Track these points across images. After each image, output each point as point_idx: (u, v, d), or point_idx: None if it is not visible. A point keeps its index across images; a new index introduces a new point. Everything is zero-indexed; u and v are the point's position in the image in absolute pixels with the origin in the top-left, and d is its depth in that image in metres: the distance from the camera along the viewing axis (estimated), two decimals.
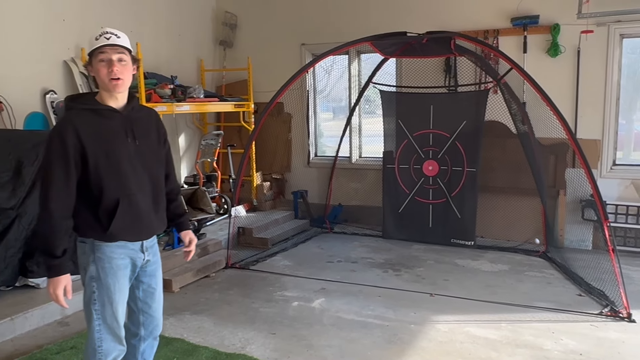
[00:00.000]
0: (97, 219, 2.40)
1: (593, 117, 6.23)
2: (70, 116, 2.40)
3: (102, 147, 2.38)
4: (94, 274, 2.42)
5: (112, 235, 2.41)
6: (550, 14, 6.22)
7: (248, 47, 7.94)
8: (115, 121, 2.44)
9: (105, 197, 2.39)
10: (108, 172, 2.38)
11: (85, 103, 2.44)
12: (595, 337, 3.89)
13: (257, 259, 5.87)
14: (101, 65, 2.36)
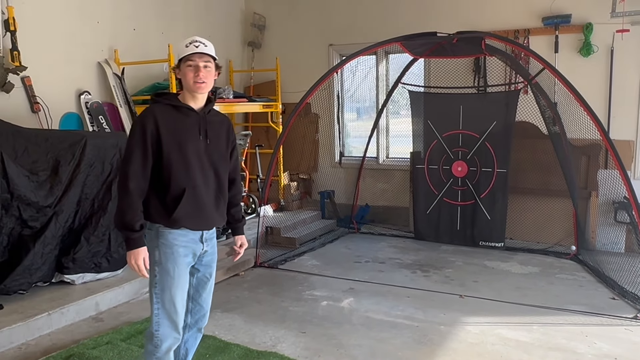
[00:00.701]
0: (165, 206, 2.59)
1: (626, 118, 6.12)
2: (153, 108, 2.63)
3: (176, 139, 2.58)
4: (157, 258, 2.60)
5: (176, 220, 2.58)
6: (583, 13, 6.13)
7: (276, 48, 8.00)
8: (192, 119, 2.65)
9: (173, 186, 2.58)
10: (178, 163, 2.58)
11: (168, 99, 2.67)
12: (629, 341, 3.83)
13: (285, 259, 5.91)
14: (189, 70, 2.60)
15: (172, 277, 2.59)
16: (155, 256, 2.61)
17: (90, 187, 4.64)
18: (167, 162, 2.56)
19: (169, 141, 2.56)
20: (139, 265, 2.55)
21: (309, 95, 5.61)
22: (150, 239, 2.62)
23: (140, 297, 4.76)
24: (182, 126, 2.61)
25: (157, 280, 2.61)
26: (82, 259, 4.55)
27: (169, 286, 2.59)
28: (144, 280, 4.84)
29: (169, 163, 2.56)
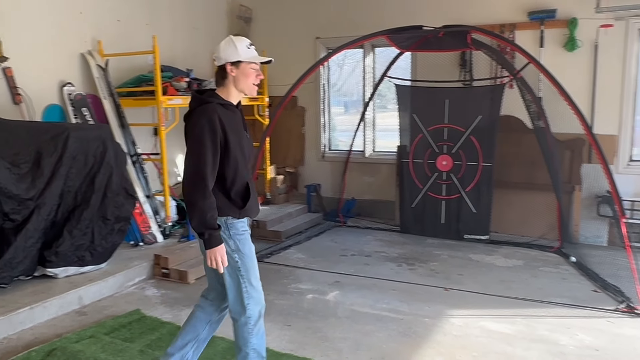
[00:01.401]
0: (231, 200, 2.77)
1: (610, 113, 6.17)
2: (214, 107, 2.69)
3: (236, 137, 2.73)
4: (234, 247, 2.80)
5: (245, 212, 2.80)
6: (568, 8, 6.16)
7: (262, 41, 7.90)
8: (237, 115, 2.82)
9: (238, 181, 2.76)
10: (240, 159, 2.75)
11: (217, 98, 2.76)
12: (611, 333, 3.88)
13: (271, 252, 5.90)
14: (252, 72, 2.77)
15: (250, 257, 2.85)
16: (231, 246, 2.79)
17: (73, 180, 4.59)
18: (233, 159, 2.71)
19: (233, 139, 2.70)
20: (223, 261, 2.72)
21: (295, 88, 5.59)
22: (221, 232, 2.74)
23: (124, 290, 4.73)
24: (236, 124, 2.77)
25: (240, 265, 2.81)
26: (65, 252, 4.51)
27: (250, 266, 2.85)
28: (128, 274, 4.85)
29: (235, 160, 2.72)
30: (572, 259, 4.45)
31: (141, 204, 5.64)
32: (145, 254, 5.25)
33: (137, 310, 4.24)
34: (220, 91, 2.79)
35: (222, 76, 2.78)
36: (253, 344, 2.92)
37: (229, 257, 2.78)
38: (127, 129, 5.84)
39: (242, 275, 2.83)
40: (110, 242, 4.88)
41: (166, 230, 5.83)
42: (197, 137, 2.64)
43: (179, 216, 6.11)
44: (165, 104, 5.68)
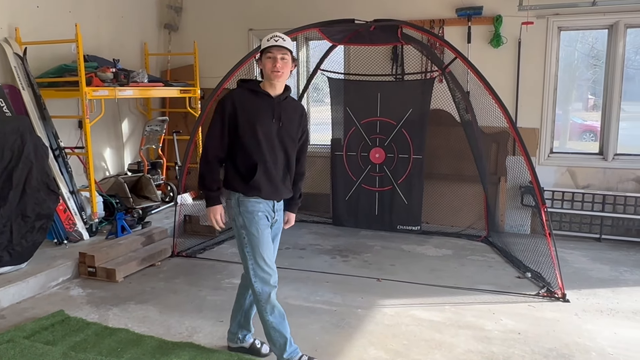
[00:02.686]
0: (241, 176, 3.03)
1: (532, 107, 6.46)
2: (233, 92, 3.07)
3: (250, 120, 3.00)
4: (242, 223, 3.06)
5: (251, 188, 3.01)
6: (493, 6, 6.39)
7: (194, 31, 7.77)
8: (266, 103, 3.05)
9: (247, 159, 3.02)
10: (251, 141, 3.00)
11: (249, 85, 3.10)
12: (532, 316, 4.07)
13: (204, 247, 5.79)
14: (268, 61, 3.00)
15: (257, 236, 3.03)
16: (239, 222, 3.07)
17: None
18: (242, 138, 3.00)
19: (243, 121, 2.99)
20: (217, 220, 3.13)
21: (226, 79, 5.48)
22: (233, 207, 3.09)
23: (47, 291, 4.51)
24: (257, 109, 3.02)
25: (246, 242, 3.05)
26: None
27: (257, 245, 3.03)
28: (51, 274, 4.62)
29: (243, 140, 3.00)
30: (528, 274, 4.67)
31: (65, 200, 5.38)
32: (70, 253, 5.01)
33: (61, 311, 4.04)
34: (262, 82, 3.11)
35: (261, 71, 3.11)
36: (271, 322, 3.12)
37: (238, 232, 3.08)
38: (49, 122, 5.54)
39: (248, 252, 3.06)
40: (31, 241, 4.63)
41: (93, 227, 5.60)
42: (212, 117, 3.05)
43: (107, 212, 5.88)
44: (89, 95, 5.43)
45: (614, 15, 6.05)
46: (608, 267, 5.24)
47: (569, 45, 6.72)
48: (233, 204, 3.09)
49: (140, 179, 6.63)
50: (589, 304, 4.30)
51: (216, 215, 3.13)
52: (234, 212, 3.09)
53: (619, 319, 4.04)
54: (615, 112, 6.27)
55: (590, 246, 5.99)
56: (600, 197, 6.24)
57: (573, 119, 7.25)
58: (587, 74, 6.93)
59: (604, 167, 6.33)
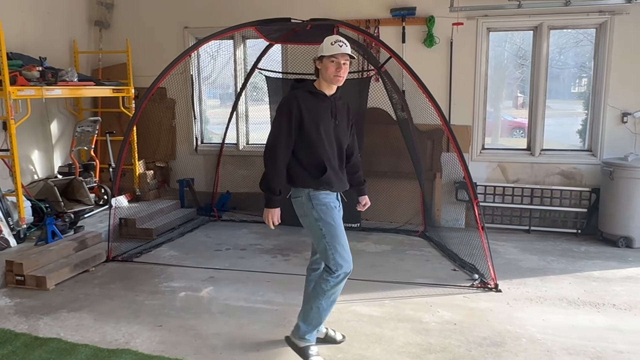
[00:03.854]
0: (310, 174, 3.21)
1: (464, 105, 6.69)
2: (296, 94, 3.21)
3: (315, 120, 3.18)
4: (317, 216, 3.22)
5: (322, 183, 3.20)
6: (426, 6, 6.56)
7: (127, 29, 7.54)
8: (325, 104, 3.25)
9: (314, 158, 3.20)
10: (317, 140, 3.19)
11: (307, 87, 3.26)
12: (467, 307, 4.22)
13: (141, 251, 5.64)
14: (331, 65, 3.18)
15: (333, 225, 3.22)
16: (314, 215, 3.22)
17: None
18: (308, 139, 3.17)
19: (309, 122, 3.15)
20: (274, 222, 3.28)
21: (161, 79, 5.35)
22: (303, 203, 3.25)
23: None
24: (319, 110, 3.20)
25: (324, 233, 3.20)
26: None
27: (335, 233, 3.21)
28: None
29: (309, 140, 3.17)
30: (475, 276, 4.82)
31: None
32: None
33: None
34: (317, 82, 3.27)
35: (316, 69, 3.27)
36: (321, 304, 3.30)
37: (314, 226, 3.24)
38: None
39: (327, 241, 3.20)
40: None
41: (21, 234, 5.34)
42: (277, 117, 3.20)
43: (36, 217, 5.61)
44: (14, 95, 5.17)
45: (538, 17, 6.35)
46: (537, 257, 5.51)
47: (498, 46, 7.00)
48: (304, 200, 3.24)
49: (71, 182, 6.37)
50: (519, 293, 4.50)
51: (274, 218, 3.28)
52: (305, 208, 3.24)
53: (546, 305, 4.25)
54: (541, 109, 6.59)
55: (520, 238, 6.27)
56: (529, 190, 6.55)
57: (504, 116, 7.55)
58: (516, 73, 7.24)
59: (532, 162, 6.65)
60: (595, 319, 4.01)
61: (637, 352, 3.48)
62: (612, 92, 6.29)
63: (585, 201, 6.41)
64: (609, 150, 6.35)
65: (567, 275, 4.95)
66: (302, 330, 3.36)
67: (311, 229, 3.28)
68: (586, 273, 5.02)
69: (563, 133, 7.09)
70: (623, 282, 4.79)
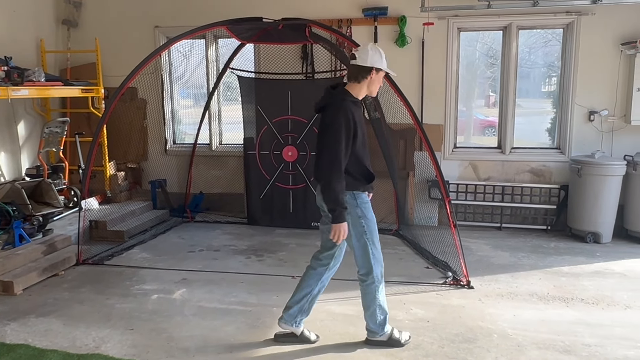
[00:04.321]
0: (355, 179, 3.31)
1: (436, 105, 6.75)
2: (348, 106, 3.22)
3: (362, 130, 3.29)
4: (361, 214, 3.35)
5: (367, 187, 3.38)
6: (398, 6, 6.60)
7: (96, 28, 7.41)
8: (361, 111, 3.38)
9: (361, 164, 3.33)
10: (361, 147, 3.30)
11: (349, 97, 3.28)
12: (440, 304, 4.26)
13: (112, 254, 5.56)
14: (379, 82, 3.34)
15: (373, 222, 3.40)
16: (358, 213, 3.33)
17: None
18: (357, 148, 3.26)
19: (360, 133, 3.25)
20: (344, 235, 3.24)
21: (130, 78, 5.27)
22: (348, 202, 3.26)
23: None
24: (361, 119, 3.32)
25: (366, 229, 3.36)
26: None
27: (373, 229, 3.40)
28: None
29: (356, 148, 3.25)
30: (448, 273, 4.86)
31: None
32: None
33: None
34: (351, 87, 3.31)
35: (362, 76, 3.28)
36: (379, 300, 3.49)
37: (357, 223, 3.34)
38: None
39: (367, 238, 3.37)
40: None
41: None
42: (336, 131, 3.16)
43: (2, 221, 5.47)
44: None
45: (508, 17, 6.45)
46: (508, 254, 5.59)
47: (469, 45, 7.08)
48: (348, 199, 3.28)
49: (39, 184, 6.22)
50: (491, 289, 4.57)
51: (346, 230, 3.26)
52: (349, 206, 3.29)
53: (517, 301, 4.32)
54: (511, 108, 6.69)
55: (492, 235, 6.37)
56: (500, 188, 6.65)
57: (476, 115, 7.65)
58: (487, 72, 7.34)
59: (503, 160, 6.75)
60: (564, 313, 4.09)
61: (604, 345, 3.56)
62: (580, 91, 6.43)
63: (555, 198, 6.53)
64: (577, 148, 6.49)
65: (537, 271, 5.04)
66: (377, 329, 3.53)
67: (352, 226, 3.36)
68: (555, 268, 5.12)
69: (533, 131, 7.22)
70: (591, 277, 4.89)
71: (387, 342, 3.54)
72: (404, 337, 3.58)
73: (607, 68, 6.33)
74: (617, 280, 4.79)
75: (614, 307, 4.20)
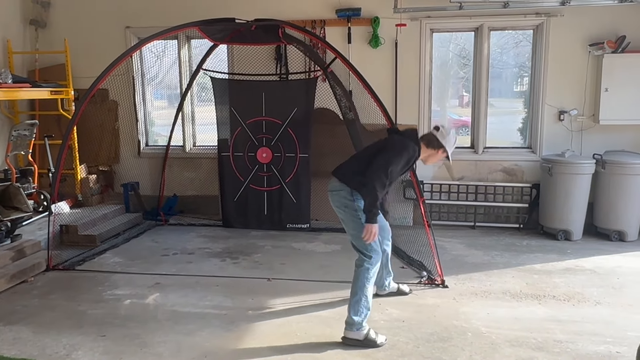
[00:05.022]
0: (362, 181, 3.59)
1: (410, 105, 6.79)
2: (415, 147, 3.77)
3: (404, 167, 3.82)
4: (359, 208, 3.63)
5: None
6: (371, 7, 6.62)
7: (65, 28, 7.26)
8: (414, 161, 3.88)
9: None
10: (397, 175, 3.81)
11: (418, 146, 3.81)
12: (415, 304, 4.28)
13: (83, 259, 5.45)
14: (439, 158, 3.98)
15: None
16: (356, 206, 3.67)
17: None
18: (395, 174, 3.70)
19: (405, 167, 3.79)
20: (376, 234, 3.53)
21: (101, 80, 5.18)
22: (346, 197, 3.70)
23: None
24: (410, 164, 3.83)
25: (363, 222, 3.55)
26: None
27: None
28: None
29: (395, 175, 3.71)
30: (423, 273, 4.88)
31: None
32: None
33: None
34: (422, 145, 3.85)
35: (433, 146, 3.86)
36: (367, 289, 3.66)
37: (355, 216, 3.67)
38: None
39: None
40: None
41: None
42: (399, 153, 3.65)
43: None
44: None
45: (479, 18, 6.53)
46: (481, 252, 5.66)
47: (442, 46, 7.14)
48: (346, 194, 3.69)
49: (7, 189, 6.07)
50: (465, 288, 4.61)
51: (377, 230, 3.54)
52: (347, 200, 3.69)
53: (491, 299, 4.38)
54: (483, 108, 6.77)
55: (466, 234, 6.43)
56: (473, 187, 6.72)
57: (450, 115, 7.71)
58: (461, 72, 7.40)
59: (476, 160, 6.82)
60: (536, 310, 4.15)
61: (575, 341, 3.62)
62: (550, 91, 6.53)
63: (527, 197, 6.63)
64: (548, 147, 6.59)
65: (511, 269, 5.11)
66: (357, 322, 3.60)
67: (351, 219, 3.71)
68: (528, 266, 5.20)
69: (505, 131, 7.31)
70: (562, 274, 4.98)
71: (362, 342, 3.57)
72: (379, 339, 3.61)
73: (576, 68, 6.45)
74: (588, 277, 4.88)
75: (584, 304, 4.28)
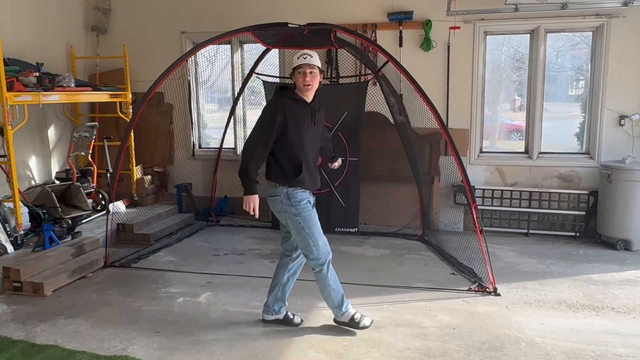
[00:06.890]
0: (287, 174, 3.58)
1: (462, 109, 6.69)
2: (282, 101, 3.58)
3: (298, 126, 3.57)
4: (296, 212, 3.60)
5: (297, 182, 3.58)
6: (423, 10, 6.57)
7: (124, 34, 7.54)
8: (307, 110, 3.65)
9: (294, 159, 3.58)
10: (298, 143, 3.57)
11: (291, 94, 3.63)
12: (466, 311, 4.20)
13: (138, 256, 5.63)
14: (299, 76, 3.59)
15: (309, 218, 3.61)
16: (292, 211, 3.59)
17: None
18: (290, 142, 3.54)
19: (292, 127, 3.53)
20: (254, 208, 3.56)
21: (158, 84, 5.35)
22: (281, 202, 3.60)
23: None
24: (302, 116, 3.60)
25: (302, 225, 3.59)
26: None
27: (311, 224, 3.61)
28: None
29: (291, 143, 3.55)
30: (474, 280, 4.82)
31: None
32: None
33: None
34: (297, 90, 3.64)
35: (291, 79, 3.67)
36: (331, 285, 3.73)
37: (293, 220, 3.61)
38: None
39: (306, 233, 3.60)
40: None
41: (18, 240, 5.31)
42: (261, 119, 3.58)
43: (32, 223, 5.60)
44: (11, 100, 5.15)
45: (535, 20, 6.36)
46: (535, 261, 5.50)
47: (495, 49, 7.00)
48: (282, 199, 3.60)
49: (69, 188, 6.35)
50: (518, 297, 4.49)
51: (255, 203, 3.55)
52: (284, 205, 3.60)
53: (545, 309, 4.25)
54: (539, 112, 6.60)
55: (519, 241, 6.27)
56: (527, 193, 6.55)
57: (502, 119, 7.56)
58: (514, 76, 7.24)
59: (530, 165, 6.65)
60: (594, 322, 4.00)
61: (637, 356, 3.47)
62: (610, 94, 6.30)
63: (584, 204, 6.41)
64: (607, 153, 6.35)
65: (566, 279, 4.95)
66: (337, 308, 3.80)
67: (291, 223, 3.64)
68: (585, 276, 5.02)
69: (561, 136, 7.10)
70: (622, 285, 4.78)
71: (347, 323, 3.82)
72: (363, 322, 3.82)
73: (638, 71, 6.19)
74: None
75: None
